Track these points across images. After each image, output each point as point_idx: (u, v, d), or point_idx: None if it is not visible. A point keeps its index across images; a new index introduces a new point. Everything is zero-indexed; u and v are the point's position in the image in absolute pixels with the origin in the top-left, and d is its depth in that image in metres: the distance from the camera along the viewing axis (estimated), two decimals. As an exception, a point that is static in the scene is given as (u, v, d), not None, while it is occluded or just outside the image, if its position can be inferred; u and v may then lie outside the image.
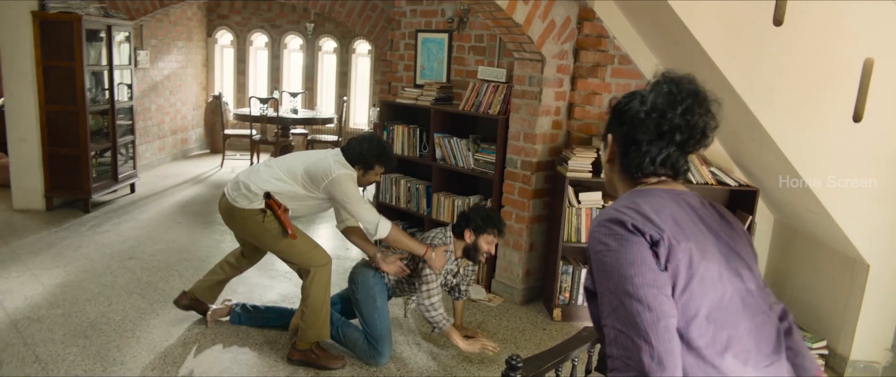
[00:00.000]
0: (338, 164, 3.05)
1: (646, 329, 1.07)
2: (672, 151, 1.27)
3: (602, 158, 1.43)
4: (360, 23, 6.39)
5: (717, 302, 1.16)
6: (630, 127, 1.29)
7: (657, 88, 1.27)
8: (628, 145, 1.30)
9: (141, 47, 6.99)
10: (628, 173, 1.33)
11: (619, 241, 1.15)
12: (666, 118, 1.25)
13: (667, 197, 1.26)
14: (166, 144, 7.96)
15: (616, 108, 1.35)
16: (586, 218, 3.72)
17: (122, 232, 5.01)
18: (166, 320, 3.49)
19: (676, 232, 1.17)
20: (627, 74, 3.86)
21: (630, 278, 1.11)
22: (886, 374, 3.34)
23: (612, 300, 1.12)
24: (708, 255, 1.19)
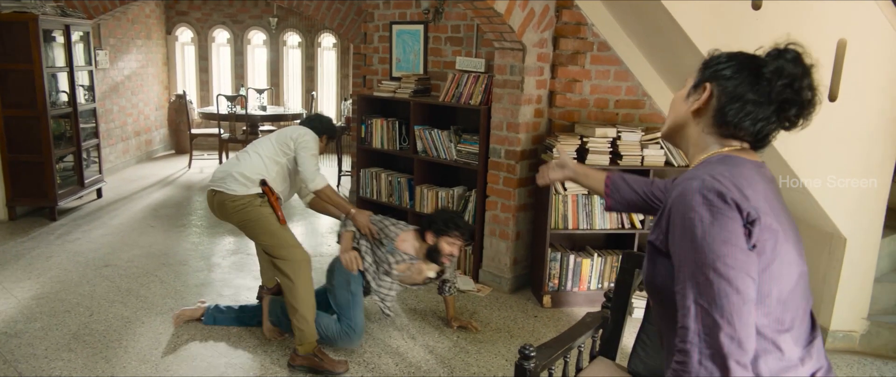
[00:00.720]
0: (302, 128, 3.27)
1: (731, 311, 1.07)
2: (773, 119, 1.23)
3: (677, 108, 1.36)
4: (329, 16, 6.29)
5: (790, 285, 1.18)
6: (741, 83, 1.23)
7: (782, 55, 1.22)
8: (733, 101, 1.23)
9: (100, 47, 6.74)
10: (720, 129, 1.27)
11: (715, 214, 1.11)
12: (793, 87, 1.20)
13: (754, 170, 1.22)
14: (130, 146, 7.71)
15: (719, 60, 1.28)
16: (573, 204, 3.76)
17: (93, 239, 4.84)
18: (153, 328, 3.39)
19: (768, 211, 1.15)
20: (607, 61, 3.90)
21: (722, 257, 1.08)
22: (864, 342, 3.48)
23: (697, 274, 1.10)
24: (787, 236, 1.19)
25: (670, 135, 1.41)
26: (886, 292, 3.55)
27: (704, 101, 1.28)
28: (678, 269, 1.14)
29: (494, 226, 4.09)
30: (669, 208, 1.19)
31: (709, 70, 1.29)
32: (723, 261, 1.08)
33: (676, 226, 1.16)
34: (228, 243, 4.88)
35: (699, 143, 1.31)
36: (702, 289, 1.09)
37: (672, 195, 1.20)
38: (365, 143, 4.83)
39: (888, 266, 3.69)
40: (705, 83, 1.29)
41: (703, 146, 1.31)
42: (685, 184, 1.18)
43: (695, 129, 1.32)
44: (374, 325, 3.53)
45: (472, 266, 4.25)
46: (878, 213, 3.37)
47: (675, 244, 1.16)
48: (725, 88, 1.24)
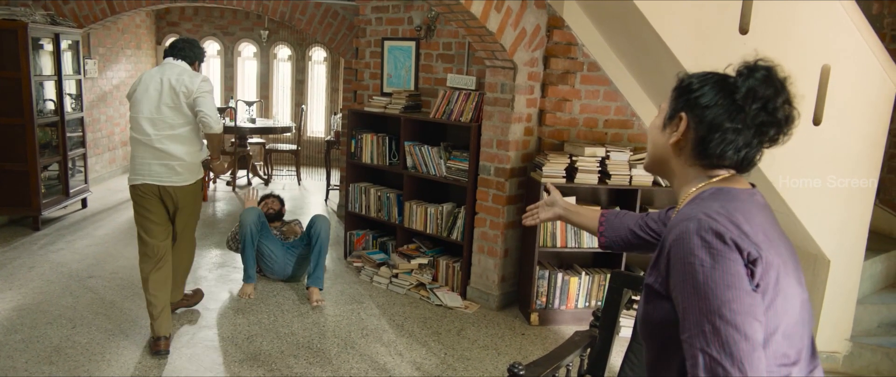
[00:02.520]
0: (190, 76, 3.25)
1: (741, 359, 1.04)
2: (755, 144, 1.19)
3: (654, 139, 1.31)
4: (321, 30, 6.32)
5: (794, 317, 1.15)
6: (717, 112, 1.18)
7: (752, 74, 1.17)
8: (712, 131, 1.19)
9: (89, 56, 6.71)
10: (702, 160, 1.23)
11: (715, 257, 1.07)
12: (767, 109, 1.16)
13: (749, 201, 1.18)
14: (117, 156, 7.65)
15: (690, 87, 1.23)
16: (561, 222, 3.78)
17: (77, 250, 4.78)
18: (136, 341, 3.35)
19: (768, 247, 1.12)
20: (596, 81, 3.95)
21: (728, 303, 1.05)
22: (847, 363, 3.52)
23: (703, 322, 1.06)
24: (787, 268, 1.15)
25: (653, 167, 1.37)
26: (869, 314, 3.60)
27: (682, 133, 1.24)
28: (683, 318, 1.10)
29: (483, 243, 4.10)
30: (668, 251, 1.16)
31: (682, 99, 1.24)
32: (729, 307, 1.05)
33: (676, 271, 1.12)
34: (215, 256, 4.85)
35: (683, 175, 1.28)
36: (709, 338, 1.05)
37: (669, 238, 1.16)
38: (355, 158, 4.83)
39: (870, 288, 3.74)
40: (680, 113, 1.24)
41: (687, 179, 1.27)
42: (681, 225, 1.14)
43: (677, 161, 1.28)
44: (361, 341, 3.52)
45: (459, 282, 4.25)
46: (860, 236, 3.42)
47: (676, 289, 1.13)
48: (702, 118, 1.20)
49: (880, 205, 4.33)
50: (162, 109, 3.19)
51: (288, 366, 3.19)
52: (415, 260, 4.41)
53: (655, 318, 1.22)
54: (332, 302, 4.05)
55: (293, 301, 4.05)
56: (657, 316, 1.21)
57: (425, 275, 4.35)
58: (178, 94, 3.18)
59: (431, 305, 4.09)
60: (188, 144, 3.26)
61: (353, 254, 4.90)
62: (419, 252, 4.49)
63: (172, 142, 3.22)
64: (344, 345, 3.46)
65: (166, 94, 3.19)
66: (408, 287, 4.28)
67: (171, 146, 3.22)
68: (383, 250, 4.81)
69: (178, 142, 3.23)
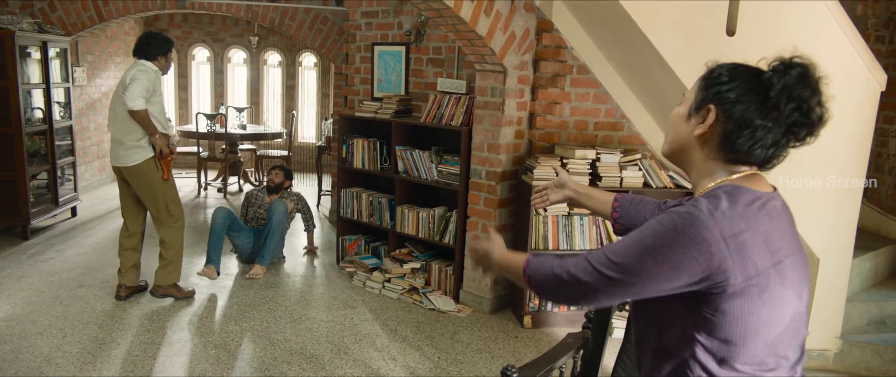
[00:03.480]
0: (137, 68, 3.70)
1: (622, 257, 1.16)
2: (783, 142, 1.16)
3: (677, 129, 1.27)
4: (311, 36, 6.32)
5: (781, 328, 1.15)
6: (748, 108, 1.14)
7: (787, 71, 1.13)
8: (742, 127, 1.15)
9: (77, 64, 6.67)
10: (727, 155, 1.19)
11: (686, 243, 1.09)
12: (802, 110, 1.13)
13: (762, 209, 1.14)
14: (107, 164, 7.60)
15: (720, 79, 1.18)
16: (553, 225, 3.80)
17: (67, 258, 4.75)
18: (128, 350, 3.33)
19: (758, 261, 1.10)
20: (586, 83, 3.97)
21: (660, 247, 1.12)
22: (837, 361, 3.55)
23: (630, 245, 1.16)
24: (786, 281, 1.14)
25: (672, 156, 1.31)
26: (858, 311, 3.63)
27: (709, 125, 1.19)
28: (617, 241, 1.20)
29: (475, 247, 4.09)
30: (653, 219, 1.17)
31: (711, 90, 1.19)
32: (655, 258, 1.12)
33: (650, 223, 1.16)
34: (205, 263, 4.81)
35: (703, 168, 1.23)
36: (603, 254, 1.17)
37: (665, 208, 1.20)
38: (346, 163, 4.83)
39: (859, 285, 3.78)
40: (709, 105, 1.19)
41: (707, 172, 1.23)
42: (683, 207, 1.14)
43: (699, 154, 1.23)
44: (355, 347, 3.51)
45: (452, 286, 4.25)
46: (849, 235, 3.46)
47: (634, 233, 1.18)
48: (731, 113, 1.16)
49: (867, 204, 4.38)
50: (115, 101, 3.79)
51: (281, 372, 3.18)
52: (407, 264, 4.41)
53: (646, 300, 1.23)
54: (325, 307, 4.05)
55: (285, 307, 4.03)
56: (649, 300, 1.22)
57: (418, 280, 4.34)
58: (125, 85, 3.68)
59: (424, 309, 4.09)
60: (128, 128, 3.72)
61: (345, 260, 4.89)
62: (412, 256, 4.49)
63: (115, 127, 3.79)
64: (337, 350, 3.45)
65: (119, 87, 3.76)
66: (401, 291, 4.28)
67: (116, 131, 3.79)
68: (376, 255, 4.81)
69: (121, 126, 3.75)
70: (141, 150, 3.74)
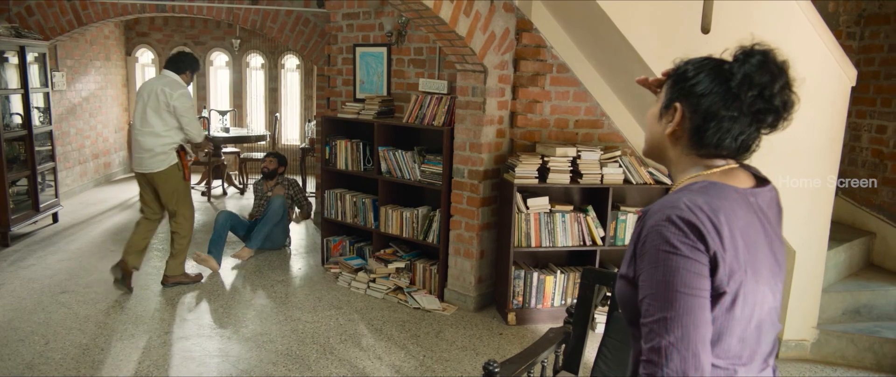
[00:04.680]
0: (174, 84, 4.12)
1: (696, 351, 1.07)
2: (752, 131, 1.17)
3: (651, 128, 1.29)
4: (293, 38, 6.31)
5: (755, 322, 1.17)
6: (713, 100, 1.16)
7: (747, 59, 1.15)
8: (707, 120, 1.16)
9: (56, 68, 6.61)
10: (699, 150, 1.21)
11: (689, 249, 1.09)
12: (763, 96, 1.14)
13: (739, 203, 1.16)
14: (88, 169, 7.54)
15: (686, 75, 1.20)
16: (535, 223, 3.84)
17: (49, 265, 4.71)
18: (112, 355, 3.32)
19: (737, 254, 1.12)
20: (566, 82, 4.02)
21: (685, 297, 1.08)
22: (814, 350, 3.62)
23: (666, 309, 1.08)
24: (759, 277, 1.16)
25: (651, 155, 1.34)
26: (834, 302, 3.71)
27: (677, 123, 1.21)
28: (647, 302, 1.12)
29: (459, 246, 4.14)
30: (645, 236, 1.15)
31: (677, 87, 1.21)
32: (686, 302, 1.08)
33: (649, 256, 1.12)
34: (190, 266, 4.80)
35: (679, 164, 1.26)
36: (670, 326, 1.08)
37: (648, 222, 1.15)
38: (329, 165, 4.84)
39: (834, 277, 3.86)
40: (675, 103, 1.21)
41: (684, 168, 1.25)
42: (661, 213, 1.13)
43: (674, 151, 1.26)
44: (340, 347, 3.53)
45: (437, 285, 4.28)
46: (823, 227, 3.53)
47: (644, 272, 1.13)
48: (697, 107, 1.17)
49: (842, 196, 4.47)
50: (147, 110, 4.09)
51: (266, 372, 3.19)
52: (392, 264, 4.43)
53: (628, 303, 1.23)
54: (310, 308, 4.06)
55: (271, 309, 4.04)
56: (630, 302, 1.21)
57: (403, 279, 4.37)
58: (160, 101, 4.07)
59: (409, 309, 4.11)
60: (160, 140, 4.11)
61: (330, 261, 4.90)
62: (396, 256, 4.52)
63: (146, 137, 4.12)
64: (322, 350, 3.47)
65: (152, 99, 4.08)
66: (386, 291, 4.30)
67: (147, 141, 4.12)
68: (361, 255, 4.83)
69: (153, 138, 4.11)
70: (168, 156, 4.15)
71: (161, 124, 4.08)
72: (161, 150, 4.10)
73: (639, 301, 1.15)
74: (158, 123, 4.08)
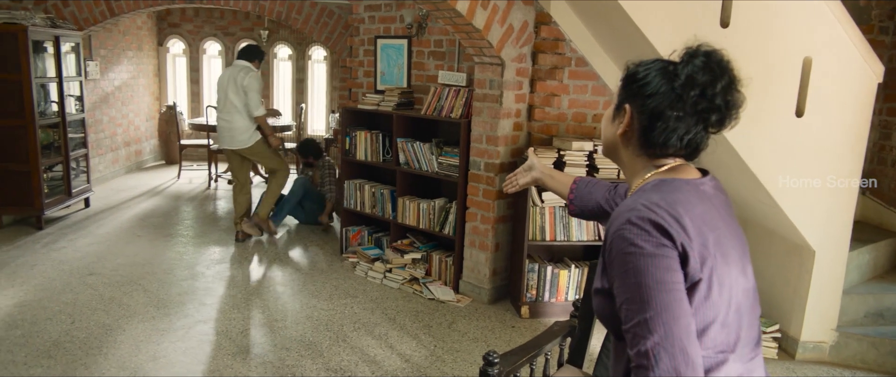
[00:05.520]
0: (246, 69, 4.94)
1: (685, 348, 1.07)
2: (699, 130, 1.20)
3: (606, 130, 1.33)
4: (317, 29, 6.38)
5: (734, 306, 1.17)
6: (659, 101, 1.18)
7: (691, 60, 1.18)
8: (654, 120, 1.19)
9: (90, 58, 6.81)
10: (648, 150, 1.24)
11: (654, 246, 1.10)
12: (705, 96, 1.16)
13: (691, 192, 1.19)
14: (120, 157, 7.76)
15: (635, 76, 1.23)
16: (550, 216, 3.83)
17: (79, 248, 4.88)
18: (133, 336, 3.43)
19: (706, 239, 1.13)
20: (584, 76, 3.99)
21: (664, 295, 1.08)
22: (833, 353, 3.55)
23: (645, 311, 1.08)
24: (729, 260, 1.17)
25: (607, 155, 1.39)
26: (855, 304, 3.63)
27: (627, 124, 1.25)
28: (625, 309, 1.12)
29: (474, 238, 4.15)
30: (610, 244, 1.16)
31: (627, 89, 1.25)
32: (665, 301, 1.08)
33: (617, 263, 1.13)
34: (214, 253, 4.93)
35: (631, 165, 1.29)
36: (653, 327, 1.08)
37: (610, 229, 1.17)
38: (349, 155, 4.89)
39: (857, 278, 3.77)
40: (625, 104, 1.25)
41: (636, 169, 1.28)
42: (621, 217, 1.15)
43: (625, 152, 1.29)
44: (353, 334, 3.58)
45: (452, 277, 4.31)
46: (845, 227, 3.45)
47: (616, 280, 1.14)
48: (644, 108, 1.21)
49: (870, 196, 4.35)
50: (229, 92, 4.89)
51: (279, 358, 3.26)
52: (408, 255, 4.47)
53: (605, 316, 1.25)
54: (326, 296, 4.13)
55: (288, 296, 4.12)
56: (607, 313, 1.23)
57: (418, 270, 4.41)
58: (237, 84, 4.87)
59: (424, 299, 4.15)
60: (244, 122, 4.96)
61: (348, 250, 4.97)
62: (413, 247, 4.56)
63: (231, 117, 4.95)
64: (335, 337, 3.53)
65: (231, 84, 4.88)
66: (401, 281, 4.34)
67: (231, 120, 4.95)
68: (378, 246, 4.88)
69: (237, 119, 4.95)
70: (252, 134, 4.97)
71: (241, 103, 4.85)
72: (246, 129, 4.90)
73: (617, 309, 1.15)
74: (239, 102, 4.85)
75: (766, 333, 3.56)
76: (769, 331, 3.57)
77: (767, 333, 3.56)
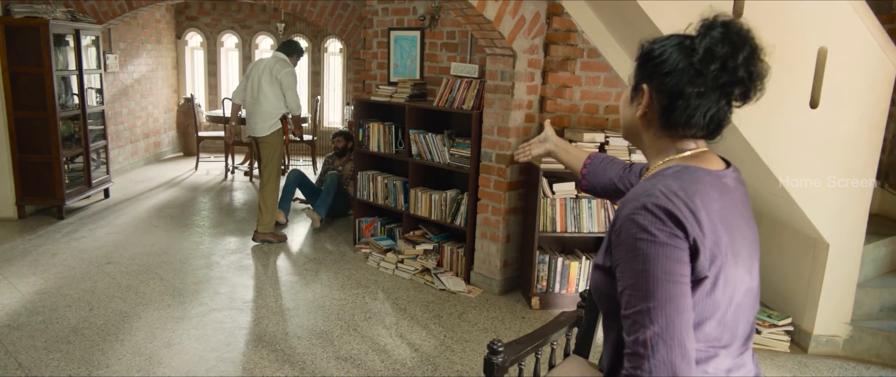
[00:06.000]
0: (283, 63, 4.93)
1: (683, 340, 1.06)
2: (722, 106, 1.15)
3: (624, 113, 1.28)
4: (332, 22, 6.41)
5: (734, 305, 1.16)
6: (678, 78, 1.14)
7: (708, 32, 1.13)
8: (674, 99, 1.15)
9: (110, 51, 6.92)
10: (670, 130, 1.19)
11: (667, 235, 1.07)
12: (726, 68, 1.11)
13: (713, 186, 1.15)
14: (139, 148, 7.88)
15: (651, 54, 1.18)
16: (561, 208, 3.83)
17: (98, 237, 4.98)
18: (149, 323, 3.50)
19: (719, 234, 1.11)
20: (596, 67, 3.98)
21: (668, 285, 1.07)
22: (847, 347, 3.51)
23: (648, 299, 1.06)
24: (738, 259, 1.15)
25: (628, 138, 1.34)
26: (870, 297, 3.58)
27: (646, 104, 1.20)
28: (628, 293, 1.10)
29: (485, 229, 4.17)
30: (620, 226, 1.13)
31: (643, 69, 1.21)
32: (669, 291, 1.07)
33: (624, 246, 1.11)
34: (230, 243, 5.00)
35: (653, 147, 1.25)
36: (654, 316, 1.06)
37: (623, 212, 1.14)
38: (363, 146, 4.93)
39: (873, 272, 3.72)
40: (642, 85, 1.20)
41: (658, 151, 1.25)
42: (636, 200, 1.12)
43: (646, 134, 1.25)
44: (364, 324, 3.62)
45: (463, 267, 4.33)
46: (860, 219, 3.40)
47: (621, 263, 1.12)
48: (663, 87, 1.16)
49: (888, 190, 4.28)
50: (262, 82, 4.89)
51: (291, 346, 3.31)
52: (420, 246, 4.50)
53: (603, 293, 1.24)
54: (338, 286, 4.17)
55: (301, 286, 4.17)
56: (605, 291, 1.21)
57: (430, 261, 4.43)
58: (272, 75, 4.88)
59: (435, 290, 4.18)
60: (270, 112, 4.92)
61: (361, 241, 5.01)
62: (425, 238, 4.58)
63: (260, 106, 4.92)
64: (347, 327, 3.57)
65: (265, 74, 4.90)
66: (413, 272, 4.37)
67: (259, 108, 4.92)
68: (391, 237, 4.91)
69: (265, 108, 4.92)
70: (273, 123, 4.94)
71: (272, 93, 4.85)
72: (271, 115, 4.88)
73: (618, 293, 1.13)
74: (270, 92, 4.85)
75: (777, 326, 3.53)
76: (781, 324, 3.54)
77: (779, 326, 3.54)
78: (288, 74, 4.89)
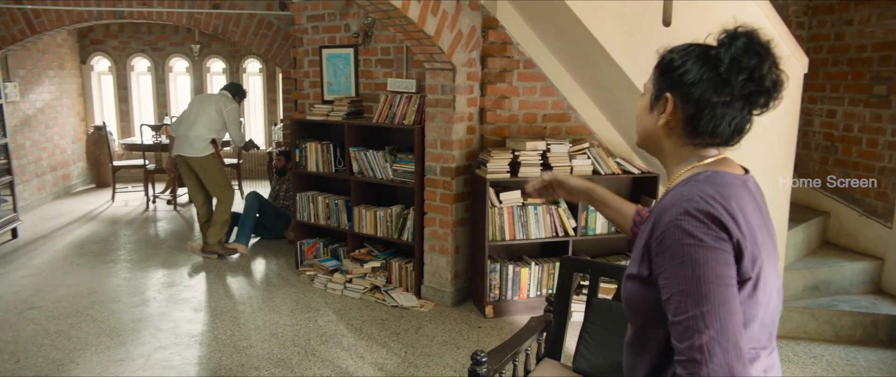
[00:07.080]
0: (227, 101, 5.17)
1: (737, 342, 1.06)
2: (745, 114, 1.17)
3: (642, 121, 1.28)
4: (256, 42, 6.26)
5: (773, 306, 1.18)
6: (704, 88, 1.15)
7: (732, 43, 1.14)
8: (701, 108, 1.16)
9: (8, 79, 6.41)
10: (695, 139, 1.21)
11: (714, 239, 1.08)
12: (754, 79, 1.13)
13: (743, 190, 1.17)
14: (46, 182, 7.33)
15: (672, 64, 1.19)
16: (509, 216, 3.91)
17: (13, 281, 4.58)
18: (88, 369, 3.26)
19: (755, 236, 1.13)
20: (533, 77, 4.10)
21: (719, 288, 1.07)
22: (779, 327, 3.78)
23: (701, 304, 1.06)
24: (769, 259, 1.16)
25: (644, 147, 1.34)
26: (795, 279, 3.89)
27: (669, 113, 1.21)
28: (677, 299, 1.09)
29: (434, 242, 4.18)
30: (661, 232, 1.12)
31: (665, 78, 1.21)
32: (720, 293, 1.07)
33: (670, 252, 1.10)
34: (163, 276, 4.74)
35: (676, 155, 1.26)
36: (708, 320, 1.06)
37: (664, 218, 1.13)
38: (300, 167, 4.82)
39: (794, 255, 4.04)
40: (665, 94, 1.21)
41: (680, 159, 1.25)
42: (677, 206, 1.11)
43: (668, 142, 1.25)
44: (322, 348, 3.54)
45: (413, 282, 4.32)
46: (783, 208, 3.69)
47: (666, 270, 1.11)
48: (689, 96, 1.17)
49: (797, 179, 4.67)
50: (198, 112, 5.06)
51: (249, 378, 3.18)
52: (367, 264, 4.45)
53: (637, 303, 1.22)
54: (288, 311, 4.05)
55: (248, 315, 4.02)
56: (641, 300, 1.20)
57: (379, 278, 4.39)
58: (216, 108, 5.08)
59: (387, 307, 4.14)
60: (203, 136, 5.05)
61: (304, 264, 4.89)
62: (371, 256, 4.54)
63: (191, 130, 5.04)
64: (304, 352, 3.47)
65: (206, 105, 5.10)
66: (362, 291, 4.32)
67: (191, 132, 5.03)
68: (335, 257, 4.83)
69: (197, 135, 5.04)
70: (207, 146, 5.04)
71: (208, 119, 5.02)
72: (204, 138, 5.01)
73: (663, 301, 1.12)
74: (208, 119, 5.01)
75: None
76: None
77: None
78: (232, 110, 5.13)
